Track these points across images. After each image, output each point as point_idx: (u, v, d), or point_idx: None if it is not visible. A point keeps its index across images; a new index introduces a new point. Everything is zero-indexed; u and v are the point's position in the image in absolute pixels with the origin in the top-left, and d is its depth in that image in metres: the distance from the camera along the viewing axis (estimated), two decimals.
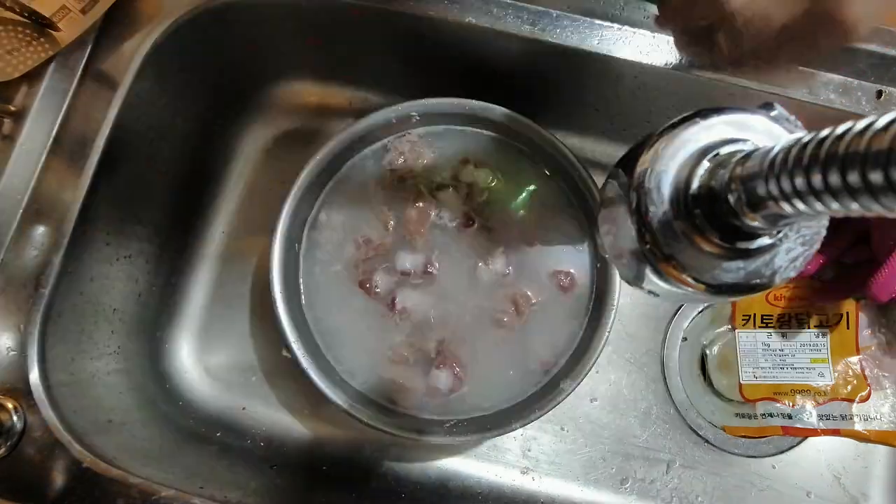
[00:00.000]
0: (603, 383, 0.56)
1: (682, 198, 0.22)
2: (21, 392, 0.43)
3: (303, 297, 0.49)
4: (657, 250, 0.23)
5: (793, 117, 0.23)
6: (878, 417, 0.49)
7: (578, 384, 0.46)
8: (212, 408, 0.55)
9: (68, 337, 0.47)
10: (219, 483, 0.47)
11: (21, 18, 0.46)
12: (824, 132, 0.16)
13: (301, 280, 0.49)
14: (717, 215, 0.21)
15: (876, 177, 0.14)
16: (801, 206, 0.17)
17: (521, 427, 0.45)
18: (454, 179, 0.51)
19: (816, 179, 0.16)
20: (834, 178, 0.15)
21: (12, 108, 0.46)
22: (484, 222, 0.50)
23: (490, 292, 0.49)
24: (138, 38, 0.48)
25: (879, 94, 0.48)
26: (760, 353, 0.52)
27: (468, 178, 0.51)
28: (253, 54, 0.57)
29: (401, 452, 0.55)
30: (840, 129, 0.15)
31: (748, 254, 0.23)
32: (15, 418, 0.43)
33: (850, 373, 0.50)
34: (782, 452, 0.55)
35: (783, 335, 0.52)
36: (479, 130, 0.52)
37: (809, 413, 0.50)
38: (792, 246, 0.23)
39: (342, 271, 0.49)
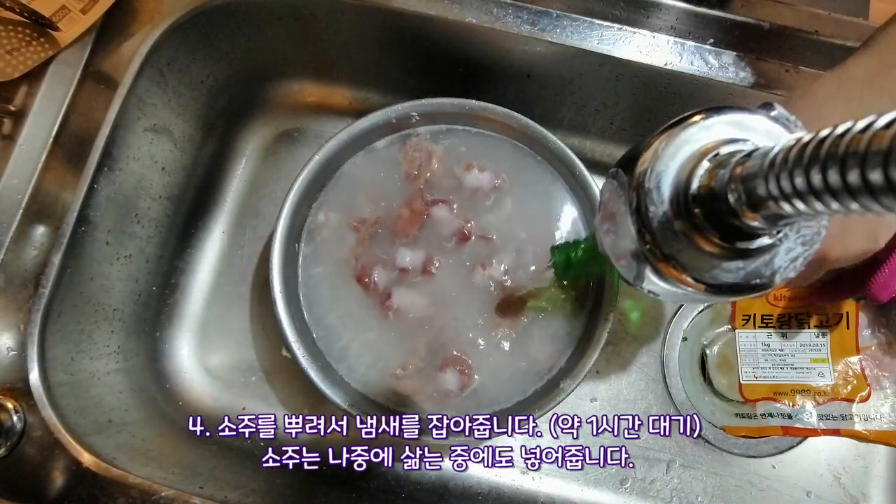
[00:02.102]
0: (603, 383, 0.56)
1: (682, 198, 0.22)
2: (21, 392, 0.43)
3: (302, 296, 0.49)
4: (657, 250, 0.23)
5: (793, 117, 0.23)
6: (878, 417, 0.49)
7: (578, 384, 0.46)
8: (212, 408, 0.55)
9: (68, 337, 0.47)
10: (219, 483, 0.47)
11: (21, 18, 0.46)
12: (824, 132, 0.16)
13: (301, 280, 0.49)
14: (716, 215, 0.21)
15: (876, 176, 0.14)
16: (801, 206, 0.17)
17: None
18: (456, 181, 0.51)
19: (816, 179, 0.16)
20: (834, 178, 0.15)
21: (12, 108, 0.46)
22: (482, 234, 0.50)
23: (490, 292, 0.49)
24: (138, 38, 0.48)
25: None
26: (760, 353, 0.52)
27: (473, 184, 0.51)
28: (253, 54, 0.57)
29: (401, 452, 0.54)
30: (840, 128, 0.15)
31: (748, 254, 0.23)
32: (15, 418, 0.43)
33: (850, 373, 0.50)
34: (782, 452, 0.55)
35: (783, 335, 0.52)
36: (479, 130, 0.52)
37: (809, 413, 0.50)
38: (792, 246, 0.23)
39: (342, 271, 0.49)
